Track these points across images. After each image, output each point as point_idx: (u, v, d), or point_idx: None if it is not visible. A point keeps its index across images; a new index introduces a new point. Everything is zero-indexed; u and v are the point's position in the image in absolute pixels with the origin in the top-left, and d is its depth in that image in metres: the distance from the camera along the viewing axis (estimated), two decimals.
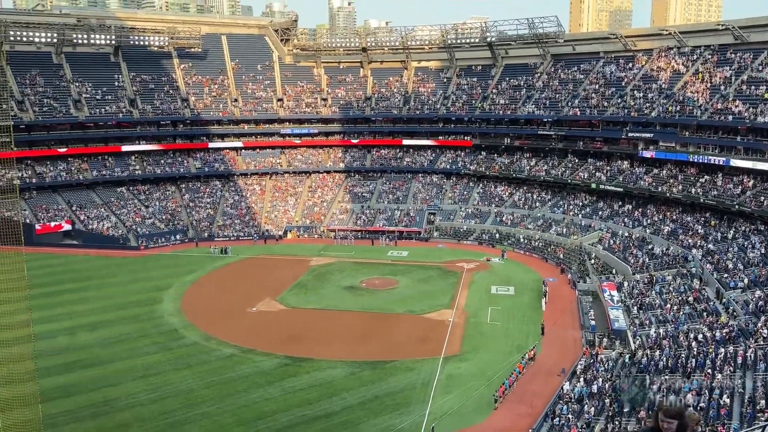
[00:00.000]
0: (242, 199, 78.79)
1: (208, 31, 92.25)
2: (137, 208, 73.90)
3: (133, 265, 59.92)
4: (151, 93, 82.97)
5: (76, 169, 75.51)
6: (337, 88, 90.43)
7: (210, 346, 39.21)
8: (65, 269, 57.13)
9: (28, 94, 75.36)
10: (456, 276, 54.59)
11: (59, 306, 45.84)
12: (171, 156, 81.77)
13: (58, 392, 31.51)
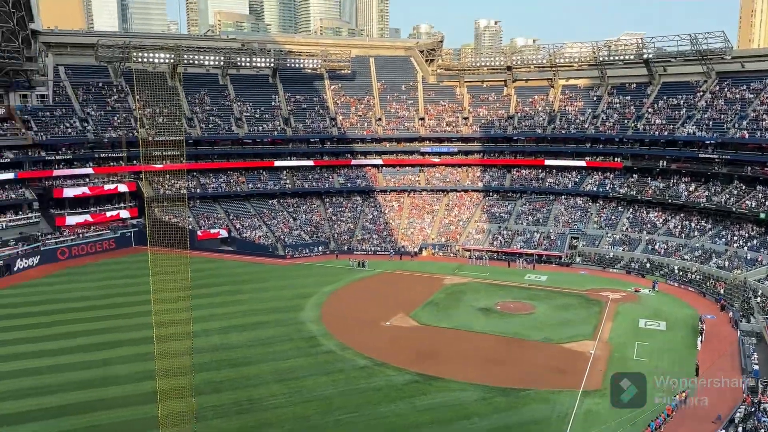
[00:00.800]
0: (381, 215, 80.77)
1: (357, 53, 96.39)
2: (286, 220, 78.50)
3: (280, 272, 63.58)
4: (304, 112, 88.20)
5: (234, 181, 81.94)
6: (479, 107, 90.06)
7: (345, 355, 40.35)
8: (221, 273, 61.92)
9: (197, 112, 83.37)
10: (599, 305, 51.58)
11: (215, 307, 49.73)
12: (318, 172, 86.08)
13: (207, 387, 34.06)
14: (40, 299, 52.90)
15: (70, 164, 73.69)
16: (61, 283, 58.20)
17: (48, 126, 73.82)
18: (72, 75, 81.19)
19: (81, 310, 49.61)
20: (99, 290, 55.42)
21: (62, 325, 45.65)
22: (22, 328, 45.11)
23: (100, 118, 78.24)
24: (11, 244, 63.29)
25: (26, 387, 35.00)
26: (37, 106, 75.13)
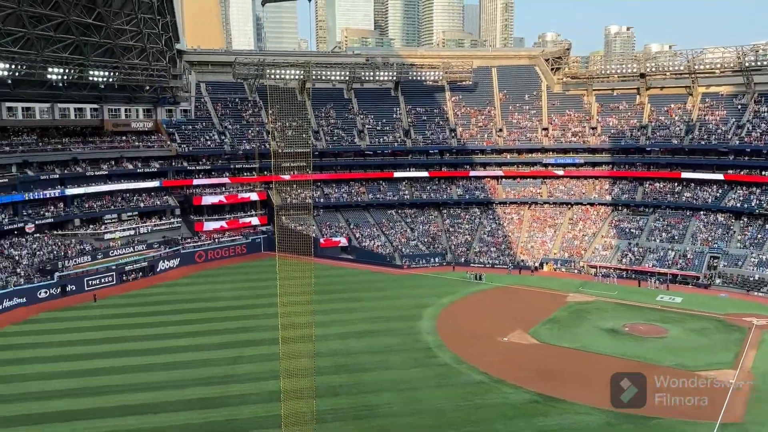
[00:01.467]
0: (499, 228, 79.22)
1: (479, 64, 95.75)
2: (404, 230, 79.34)
3: (397, 282, 64.27)
4: (423, 124, 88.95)
5: (355, 191, 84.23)
6: (609, 117, 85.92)
7: (460, 369, 39.84)
8: (341, 280, 63.70)
9: (323, 125, 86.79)
10: (741, 332, 46.96)
11: (334, 312, 51.22)
12: (436, 183, 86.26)
13: (326, 391, 35.00)
14: (180, 298, 57.38)
15: (208, 174, 79.61)
16: (198, 284, 62.75)
17: (190, 138, 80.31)
18: (212, 91, 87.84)
19: (215, 309, 53.16)
20: (231, 292, 59.13)
21: (198, 324, 49.17)
22: (162, 325, 49.13)
23: (235, 131, 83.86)
24: (155, 247, 69.26)
25: (162, 380, 37.91)
26: (180, 120, 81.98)
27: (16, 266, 57.88)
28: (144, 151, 75.96)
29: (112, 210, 71.82)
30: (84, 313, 53.17)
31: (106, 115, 74.22)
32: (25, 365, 40.59)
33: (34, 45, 61.31)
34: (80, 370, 39.70)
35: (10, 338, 46.55)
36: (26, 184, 64.79)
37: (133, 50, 70.00)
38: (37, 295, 55.65)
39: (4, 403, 34.96)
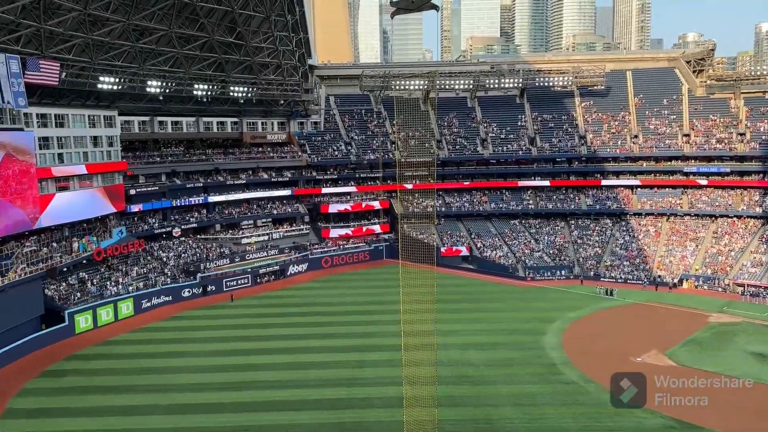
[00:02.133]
0: (633, 240, 74.61)
1: (612, 67, 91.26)
2: (527, 241, 77.16)
3: (520, 294, 62.58)
4: (550, 131, 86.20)
5: (477, 201, 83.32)
6: (759, 121, 78.27)
7: (588, 388, 37.93)
8: (462, 290, 63.13)
9: (445, 134, 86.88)
10: None
11: (455, 322, 50.86)
12: (563, 192, 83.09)
13: (447, 401, 34.73)
14: (308, 301, 59.91)
15: (335, 183, 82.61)
16: (325, 288, 65.16)
17: (319, 149, 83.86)
18: (340, 103, 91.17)
19: (340, 313, 54.92)
20: (355, 297, 60.77)
21: (325, 326, 51.01)
22: (293, 326, 51.51)
23: (361, 141, 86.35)
24: (286, 252, 72.86)
25: (293, 379, 39.75)
26: (311, 131, 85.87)
27: (163, 267, 63.43)
28: (278, 161, 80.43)
29: (248, 216, 76.68)
30: (222, 312, 57.09)
31: (245, 127, 79.47)
32: (171, 359, 44.32)
33: (183, 64, 67.15)
34: (219, 365, 42.67)
35: (158, 333, 51.09)
36: (174, 192, 70.92)
37: (269, 66, 74.49)
38: (182, 293, 60.60)
39: (152, 393, 38.38)
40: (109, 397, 37.61)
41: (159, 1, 57.35)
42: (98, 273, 57.69)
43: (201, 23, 63.35)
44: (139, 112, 69.24)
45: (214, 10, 62.82)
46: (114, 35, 57.28)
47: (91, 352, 46.53)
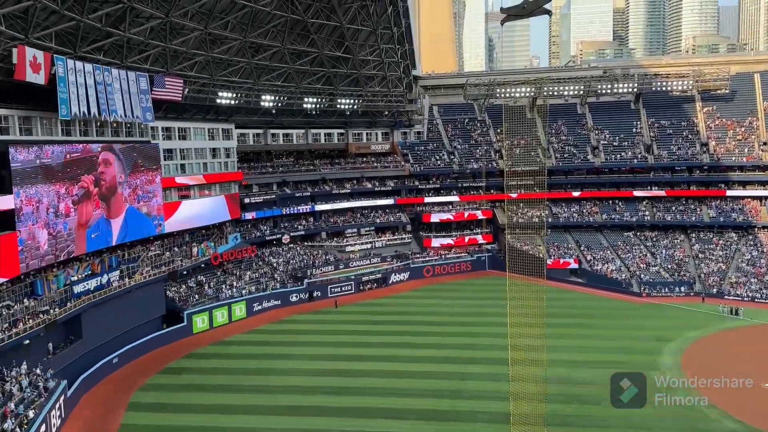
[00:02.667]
0: (762, 256, 68.39)
1: (738, 70, 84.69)
2: (642, 254, 72.88)
3: (634, 311, 59.14)
4: (668, 138, 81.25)
5: (587, 211, 79.92)
6: None
7: (709, 414, 35.09)
8: (570, 304, 60.64)
9: (552, 142, 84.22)
10: None
11: (563, 338, 48.85)
12: (683, 203, 77.82)
13: (555, 419, 33.21)
14: (409, 310, 60.07)
15: (437, 192, 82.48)
16: (426, 298, 65.05)
17: (422, 159, 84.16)
18: (443, 113, 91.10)
19: (441, 324, 54.53)
20: (456, 307, 60.14)
21: (426, 336, 50.84)
22: (394, 334, 51.79)
23: (464, 151, 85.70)
24: (388, 260, 73.55)
25: (397, 387, 39.86)
26: (414, 141, 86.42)
27: (273, 272, 66.09)
28: (381, 171, 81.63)
29: (352, 225, 78.32)
30: (327, 317, 58.55)
31: (351, 138, 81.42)
32: (280, 360, 46.00)
33: (294, 78, 69.95)
34: (324, 369, 43.72)
35: (268, 335, 53.27)
36: (284, 201, 73.92)
37: (375, 78, 75.93)
38: (290, 298, 62.81)
39: (262, 393, 40.00)
40: (223, 396, 39.56)
41: (273, 19, 60.16)
42: (215, 276, 61.11)
43: (311, 39, 65.72)
44: (253, 125, 73.10)
45: (324, 26, 64.98)
46: (232, 52, 60.75)
47: (207, 351, 49.27)
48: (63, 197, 43.59)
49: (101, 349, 45.01)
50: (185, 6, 50.53)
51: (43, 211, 41.61)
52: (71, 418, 37.08)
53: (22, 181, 39.75)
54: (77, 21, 42.35)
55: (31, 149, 40.75)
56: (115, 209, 49.62)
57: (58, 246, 43.15)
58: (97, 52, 47.53)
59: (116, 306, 47.03)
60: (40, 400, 34.18)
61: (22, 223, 39.58)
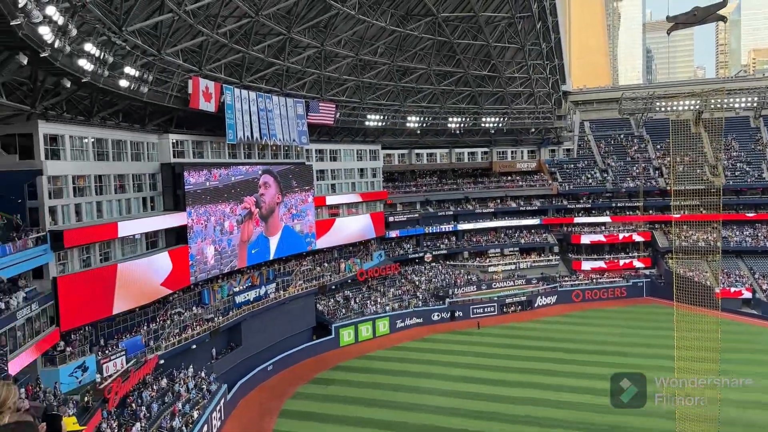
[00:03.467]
0: None
1: None
2: None
3: None
4: None
5: (762, 235, 71.65)
6: None
7: None
8: (743, 338, 54.26)
9: (721, 159, 76.61)
10: None
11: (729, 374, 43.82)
12: None
13: None
14: (556, 336, 57.43)
15: (588, 212, 78.50)
16: (574, 324, 61.87)
17: (571, 177, 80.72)
18: (595, 129, 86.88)
19: (591, 352, 51.44)
20: (609, 336, 56.46)
21: (574, 364, 48.25)
22: (539, 360, 49.80)
23: (618, 168, 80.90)
24: (533, 282, 71.14)
25: (540, 416, 38.26)
26: (562, 159, 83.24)
27: (416, 290, 66.78)
28: (526, 190, 79.52)
29: (495, 245, 76.97)
30: (469, 338, 57.83)
31: (495, 157, 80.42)
32: (422, 379, 46.17)
33: (439, 99, 70.77)
34: (465, 392, 43.13)
35: (410, 353, 53.76)
36: (426, 219, 74.66)
37: (521, 96, 74.54)
38: (431, 317, 63.00)
39: (405, 410, 40.38)
40: (367, 410, 40.50)
41: (420, 42, 61.51)
42: (360, 292, 63.12)
43: (457, 59, 66.17)
44: (398, 145, 74.99)
45: (470, 46, 65.14)
46: (380, 77, 62.97)
47: (353, 364, 50.83)
48: (228, 216, 47.66)
49: (258, 356, 48.27)
50: (339, 35, 53.36)
51: (211, 229, 45.76)
52: (230, 420, 40.01)
53: (194, 202, 44.06)
54: (243, 53, 46.38)
55: (201, 173, 45.09)
56: (273, 227, 53.28)
57: (222, 260, 47.16)
58: (260, 81, 51.66)
59: (272, 316, 50.30)
60: (204, 401, 37.29)
61: (192, 239, 43.80)
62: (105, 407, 30.46)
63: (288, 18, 47.46)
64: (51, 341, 31.63)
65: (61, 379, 31.26)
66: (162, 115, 43.88)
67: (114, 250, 37.40)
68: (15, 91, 31.15)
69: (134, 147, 40.76)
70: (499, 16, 61.21)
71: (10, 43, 23.84)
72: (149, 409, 33.64)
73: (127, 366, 34.54)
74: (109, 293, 35.51)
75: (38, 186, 32.00)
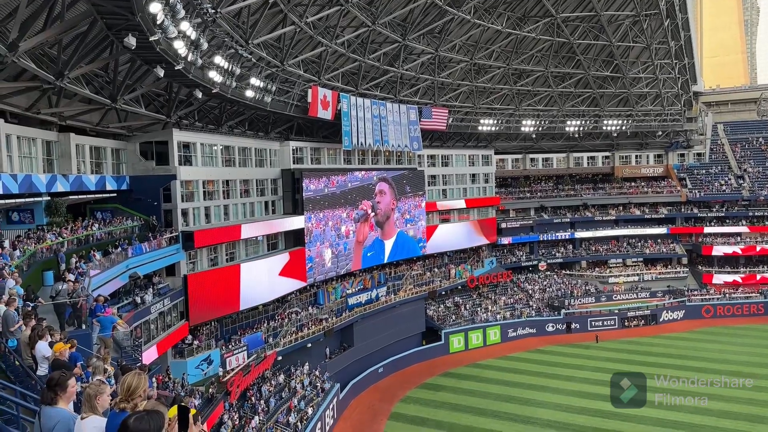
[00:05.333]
0: None
1: None
2: None
3: None
4: None
5: None
6: None
7: None
8: None
9: None
10: None
11: None
12: None
13: None
14: (683, 353, 53.41)
15: (721, 222, 72.38)
16: (704, 341, 57.23)
17: (702, 183, 74.85)
18: (730, 132, 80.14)
19: (721, 372, 47.16)
20: (741, 356, 51.66)
21: (701, 385, 44.56)
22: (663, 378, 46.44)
23: (757, 174, 74.03)
24: (659, 296, 66.65)
25: None
26: (693, 164, 77.38)
27: (529, 299, 64.85)
28: (652, 197, 74.71)
29: (617, 255, 72.94)
30: (586, 352, 55.22)
31: (617, 161, 76.39)
32: (534, 391, 44.74)
33: (557, 102, 68.44)
34: (581, 407, 41.31)
35: (522, 363, 52.27)
36: (541, 226, 72.31)
37: (647, 97, 70.34)
38: (545, 328, 60.85)
39: (516, 422, 39.38)
40: (477, 419, 39.85)
41: (538, 44, 59.91)
42: (470, 299, 62.34)
43: (577, 60, 63.71)
44: (512, 150, 73.40)
45: (591, 46, 62.50)
46: (495, 81, 62.01)
47: (462, 372, 50.26)
48: (344, 221, 49.02)
49: (369, 358, 49.11)
50: (453, 40, 53.22)
51: (329, 233, 47.27)
52: (342, 419, 40.97)
53: (313, 207, 45.71)
54: (359, 62, 47.54)
55: (321, 180, 46.68)
56: (388, 232, 54.18)
57: (339, 263, 48.58)
58: (375, 89, 52.70)
59: (383, 319, 50.98)
60: (318, 399, 38.48)
61: (311, 243, 45.48)
62: (227, 399, 32.28)
63: (403, 26, 48.06)
64: (181, 335, 34.07)
65: (189, 371, 33.53)
66: (283, 123, 46.06)
67: (238, 251, 39.65)
68: (152, 102, 34.02)
69: (258, 153, 43.00)
70: (623, 14, 58.23)
71: (149, 58, 26.03)
72: (267, 403, 35.23)
73: (248, 361, 36.39)
74: (234, 291, 37.66)
75: (172, 189, 34.60)
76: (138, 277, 30.54)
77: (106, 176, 31.95)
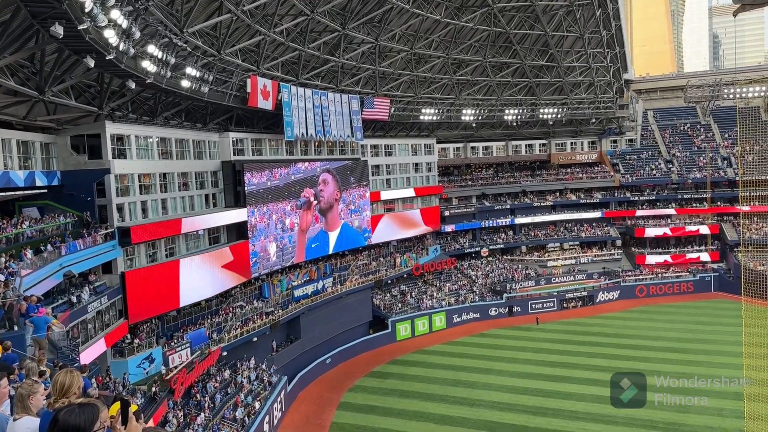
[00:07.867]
0: None
1: None
2: None
3: None
4: None
5: None
6: None
7: None
8: None
9: None
10: None
11: None
12: None
13: None
14: (618, 332, 55.80)
15: (652, 205, 75.76)
16: (638, 320, 59.91)
17: (633, 168, 78.06)
18: (659, 118, 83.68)
19: (655, 349, 49.71)
20: (674, 332, 54.38)
21: (637, 361, 46.73)
22: (600, 356, 48.52)
23: (684, 159, 77.73)
24: (594, 277, 69.29)
25: (601, 413, 37.31)
26: (625, 150, 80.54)
27: (472, 285, 66.19)
28: (587, 182, 77.38)
29: (555, 239, 75.31)
30: (528, 334, 56.92)
31: (553, 149, 78.63)
32: (479, 374, 45.83)
33: (495, 91, 69.76)
34: (523, 387, 42.57)
35: (467, 348, 53.37)
36: (483, 213, 73.79)
37: (581, 85, 72.60)
38: (489, 312, 62.33)
39: (463, 405, 40.20)
40: (426, 404, 40.52)
41: (476, 34, 60.79)
42: (416, 287, 63.10)
43: (514, 50, 65.05)
44: (453, 139, 74.39)
45: (527, 36, 63.93)
46: (435, 70, 62.59)
47: (409, 358, 50.92)
48: (288, 214, 48.59)
49: (316, 349, 49.06)
50: (393, 29, 53.35)
51: (273, 227, 46.77)
52: (290, 412, 40.84)
53: (256, 201, 45.06)
54: (299, 51, 47.04)
55: (263, 173, 46.05)
56: (332, 223, 54.04)
57: (284, 256, 48.18)
58: (316, 78, 52.29)
59: (330, 310, 50.95)
60: (265, 393, 38.19)
61: (255, 237, 44.90)
62: (171, 397, 31.64)
63: (343, 14, 47.81)
64: (120, 333, 33.09)
65: (130, 370, 32.65)
66: (222, 114, 45.10)
67: (178, 246, 38.73)
68: (83, 93, 32.68)
69: (196, 146, 42.03)
70: (557, 4, 59.81)
71: (78, 47, 24.98)
72: (213, 400, 34.73)
73: (192, 358, 35.73)
74: (173, 287, 36.81)
75: (106, 184, 33.43)
76: (73, 275, 29.45)
77: (35, 172, 30.57)
